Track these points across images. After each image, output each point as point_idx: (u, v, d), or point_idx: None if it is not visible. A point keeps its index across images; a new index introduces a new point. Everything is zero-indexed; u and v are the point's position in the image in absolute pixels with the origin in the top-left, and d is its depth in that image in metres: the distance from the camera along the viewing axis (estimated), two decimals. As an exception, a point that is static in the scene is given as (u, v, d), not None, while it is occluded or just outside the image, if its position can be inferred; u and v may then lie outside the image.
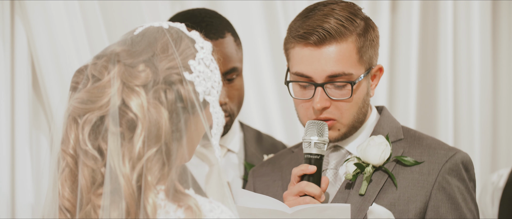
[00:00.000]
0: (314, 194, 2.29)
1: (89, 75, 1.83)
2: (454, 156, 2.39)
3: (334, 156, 2.48)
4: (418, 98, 4.10)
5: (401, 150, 2.42)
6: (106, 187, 1.75)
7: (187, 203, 1.77)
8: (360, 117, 2.43)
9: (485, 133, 4.17)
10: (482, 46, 4.14)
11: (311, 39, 2.35)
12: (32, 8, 2.99)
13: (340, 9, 2.38)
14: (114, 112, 1.77)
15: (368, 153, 2.38)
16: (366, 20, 2.42)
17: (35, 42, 3.01)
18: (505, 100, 4.27)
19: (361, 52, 2.38)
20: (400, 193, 2.36)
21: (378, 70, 2.47)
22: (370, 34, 2.41)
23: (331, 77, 2.36)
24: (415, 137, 2.47)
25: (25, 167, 3.02)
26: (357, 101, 2.40)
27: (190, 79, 1.83)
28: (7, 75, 3.00)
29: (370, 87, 2.45)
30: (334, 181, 2.45)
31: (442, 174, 2.37)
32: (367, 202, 2.35)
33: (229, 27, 2.85)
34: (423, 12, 4.11)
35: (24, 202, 3.01)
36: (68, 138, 1.82)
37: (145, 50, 1.84)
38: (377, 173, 2.39)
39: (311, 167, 2.32)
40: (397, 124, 2.50)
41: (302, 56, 2.37)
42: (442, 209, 2.35)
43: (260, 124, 3.71)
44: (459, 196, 2.37)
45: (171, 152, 1.79)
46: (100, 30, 3.18)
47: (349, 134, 2.44)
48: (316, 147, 2.33)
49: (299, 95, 2.42)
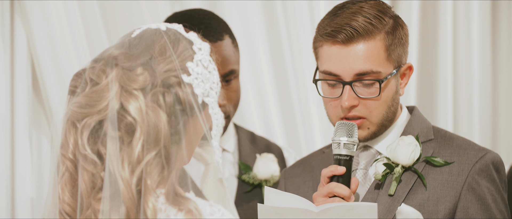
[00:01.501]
0: (343, 195, 2.27)
1: (87, 79, 1.82)
2: (484, 156, 2.37)
3: (364, 156, 2.47)
4: (418, 98, 4.10)
5: (431, 151, 2.41)
6: (105, 192, 1.75)
7: (187, 207, 1.76)
8: (390, 116, 2.42)
9: (485, 132, 4.17)
10: (482, 45, 4.14)
11: (338, 37, 2.34)
12: (31, 8, 2.99)
13: (368, 7, 2.37)
14: (112, 116, 1.77)
15: (397, 153, 2.36)
16: (395, 18, 2.41)
17: (34, 42, 3.01)
18: (504, 99, 4.27)
19: (390, 50, 2.37)
20: (429, 193, 2.34)
21: (407, 69, 2.46)
22: (399, 32, 2.39)
23: (359, 75, 2.35)
24: (446, 137, 2.45)
25: (25, 167, 3.02)
26: (386, 99, 2.39)
27: (188, 81, 1.82)
28: (7, 75, 3.00)
29: (400, 85, 2.44)
30: (364, 181, 2.44)
31: (472, 175, 2.34)
32: (396, 202, 2.34)
33: (227, 29, 2.85)
34: (423, 12, 4.11)
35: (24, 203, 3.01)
36: (68, 143, 1.81)
37: (142, 53, 1.83)
38: (407, 174, 2.38)
39: (340, 168, 2.30)
40: (428, 124, 2.48)
41: (330, 54, 2.36)
42: (471, 210, 2.33)
43: (259, 124, 3.71)
44: (489, 197, 2.34)
45: (170, 155, 1.79)
46: (100, 30, 3.18)
47: (379, 133, 2.43)
48: (346, 148, 2.31)
49: (328, 94, 2.41)
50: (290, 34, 3.75)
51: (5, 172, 2.96)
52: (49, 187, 1.87)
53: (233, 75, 2.80)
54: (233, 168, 2.92)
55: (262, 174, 2.89)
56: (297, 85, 3.74)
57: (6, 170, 2.97)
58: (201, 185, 2.70)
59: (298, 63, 3.75)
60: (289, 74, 3.72)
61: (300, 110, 3.75)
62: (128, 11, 3.32)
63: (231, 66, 2.79)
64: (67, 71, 3.01)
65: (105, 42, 3.17)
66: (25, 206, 3.01)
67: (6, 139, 2.98)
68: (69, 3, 3.07)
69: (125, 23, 3.28)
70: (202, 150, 2.70)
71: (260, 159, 2.91)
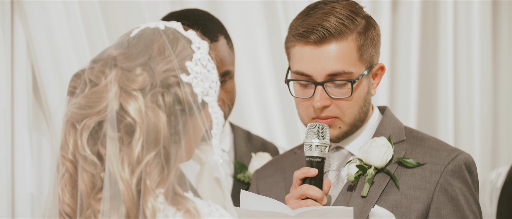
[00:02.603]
0: (316, 197, 2.28)
1: (87, 80, 1.82)
2: (457, 157, 2.38)
3: (336, 157, 2.47)
4: (418, 98, 4.10)
5: (403, 152, 2.41)
6: (105, 192, 1.75)
7: (186, 206, 1.76)
8: (361, 116, 2.42)
9: (485, 132, 4.17)
10: (482, 45, 4.14)
11: (311, 37, 2.34)
12: (31, 8, 2.99)
13: (341, 7, 2.37)
14: (112, 117, 1.77)
15: (370, 154, 2.36)
16: (367, 18, 2.41)
17: (34, 43, 3.01)
18: (505, 99, 4.27)
19: (362, 50, 2.37)
20: (402, 195, 2.35)
21: (379, 69, 2.46)
22: (371, 32, 2.39)
23: (331, 75, 2.35)
24: (418, 138, 2.45)
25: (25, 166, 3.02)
26: (358, 99, 2.39)
27: (188, 80, 1.82)
28: (7, 75, 3.00)
29: (371, 86, 2.44)
30: (337, 182, 2.44)
31: (444, 176, 2.35)
32: (369, 204, 2.34)
33: (222, 30, 2.83)
34: (424, 12, 4.11)
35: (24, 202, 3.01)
36: (67, 144, 1.81)
37: (141, 53, 1.83)
38: (379, 175, 2.38)
39: (312, 170, 2.31)
40: (399, 125, 2.49)
41: (302, 54, 2.36)
42: (444, 211, 2.34)
43: (260, 124, 3.71)
44: (462, 198, 2.35)
45: (170, 155, 1.79)
46: (100, 30, 3.18)
47: (350, 132, 2.43)
48: (317, 149, 2.32)
49: (300, 94, 2.41)
50: (291, 34, 3.74)
51: (5, 171, 2.96)
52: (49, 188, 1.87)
53: (228, 76, 2.79)
54: (228, 167, 2.92)
55: None
56: (298, 85, 3.74)
57: (7, 170, 2.97)
58: (196, 184, 2.70)
59: (299, 63, 3.74)
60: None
61: (301, 110, 3.75)
62: (129, 11, 3.32)
63: (226, 67, 2.78)
64: (67, 72, 3.01)
65: (106, 42, 3.17)
66: (25, 205, 3.02)
67: (6, 139, 2.98)
68: (69, 3, 3.07)
69: (125, 23, 3.28)
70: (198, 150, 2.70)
71: (255, 158, 2.91)
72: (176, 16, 2.80)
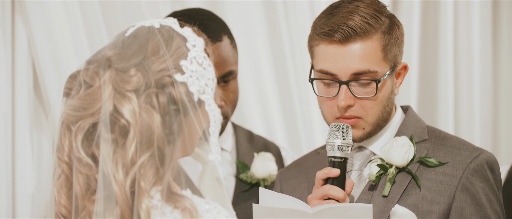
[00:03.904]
0: (338, 198, 2.26)
1: (81, 81, 1.82)
2: (479, 156, 2.36)
3: (359, 157, 2.46)
4: (418, 97, 4.10)
5: (425, 151, 2.40)
6: (99, 193, 1.74)
7: (183, 204, 1.76)
8: (385, 116, 2.41)
9: (486, 132, 4.16)
10: (483, 45, 4.14)
11: (335, 36, 2.32)
12: (31, 7, 2.99)
13: (364, 6, 2.35)
14: (105, 119, 1.76)
15: (391, 154, 2.35)
16: (391, 17, 2.39)
17: (35, 42, 3.01)
18: (505, 99, 4.26)
19: (386, 49, 2.36)
20: (423, 194, 2.33)
21: (402, 68, 2.45)
22: (395, 31, 2.38)
23: (356, 74, 2.33)
24: (440, 137, 2.43)
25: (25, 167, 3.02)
26: (381, 99, 2.38)
27: (183, 80, 1.81)
28: (8, 74, 3.01)
29: (395, 85, 2.43)
30: (359, 182, 2.43)
31: (466, 175, 2.33)
32: (390, 203, 2.33)
33: (226, 29, 2.82)
34: (424, 12, 4.11)
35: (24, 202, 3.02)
36: (63, 146, 1.81)
37: (136, 53, 1.82)
38: (401, 174, 2.37)
39: (334, 170, 2.29)
40: (422, 124, 2.47)
41: (327, 53, 2.35)
42: (466, 210, 2.32)
43: (260, 124, 3.71)
44: (484, 197, 2.33)
45: (164, 155, 1.78)
46: (100, 30, 3.18)
47: (374, 132, 2.42)
48: (340, 150, 2.30)
49: (323, 93, 2.39)
50: (291, 34, 3.74)
51: (5, 171, 2.97)
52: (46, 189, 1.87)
53: (231, 75, 2.79)
54: (231, 167, 2.91)
55: (259, 173, 2.89)
56: (298, 84, 3.74)
57: (7, 170, 2.97)
58: (198, 184, 2.70)
59: (299, 62, 3.75)
60: (290, 73, 3.72)
61: (301, 110, 3.75)
62: (129, 11, 3.32)
63: (230, 67, 2.77)
64: (67, 71, 2.99)
65: (106, 42, 3.12)
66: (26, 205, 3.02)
67: (6, 138, 2.98)
68: (69, 3, 3.07)
69: (125, 23, 3.27)
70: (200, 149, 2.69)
71: (258, 158, 2.91)
72: (179, 16, 2.78)
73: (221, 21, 2.85)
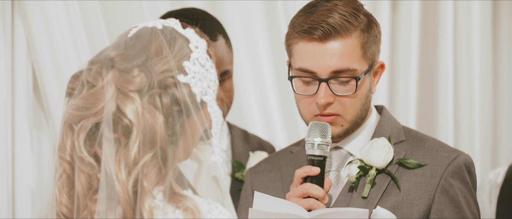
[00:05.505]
0: (318, 196, 2.27)
1: (84, 81, 1.82)
2: (457, 158, 2.38)
3: (335, 157, 2.46)
4: (418, 97, 4.10)
5: (403, 153, 2.41)
6: (101, 193, 1.75)
7: (185, 204, 1.76)
8: (363, 114, 2.42)
9: (486, 132, 4.17)
10: (482, 45, 4.14)
11: (315, 34, 2.33)
12: (31, 7, 2.99)
13: (343, 4, 2.36)
14: (108, 119, 1.76)
15: (371, 155, 2.36)
16: (369, 16, 2.41)
17: (34, 41, 3.01)
18: (505, 99, 4.26)
19: (365, 47, 2.37)
20: (403, 196, 2.34)
21: (380, 67, 2.46)
22: (373, 30, 2.40)
23: (335, 72, 2.34)
24: (417, 138, 2.45)
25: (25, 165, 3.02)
26: (360, 97, 2.38)
27: (186, 81, 1.82)
28: (8, 73, 3.00)
29: (373, 83, 2.44)
30: (337, 183, 2.43)
31: (445, 177, 2.35)
32: (370, 205, 2.34)
33: (221, 29, 2.82)
34: (424, 11, 4.11)
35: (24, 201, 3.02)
36: (65, 145, 1.81)
37: (139, 53, 1.82)
38: (380, 176, 2.38)
39: (314, 169, 2.30)
40: (398, 125, 2.48)
41: (306, 51, 2.35)
42: (445, 212, 2.34)
43: (260, 123, 3.71)
44: (462, 199, 2.35)
45: (167, 156, 1.78)
46: (100, 30, 3.18)
47: (351, 130, 2.43)
48: (319, 148, 2.31)
49: (302, 91, 2.40)
50: (291, 34, 3.75)
51: (5, 169, 2.97)
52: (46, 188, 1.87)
53: (227, 75, 2.78)
54: (226, 166, 2.91)
55: None
56: (298, 84, 3.74)
57: (7, 167, 2.97)
58: (194, 183, 2.70)
59: (299, 62, 3.75)
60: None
61: (301, 110, 3.75)
62: (129, 11, 3.32)
63: (225, 67, 2.77)
64: (67, 71, 3.01)
65: (106, 41, 3.16)
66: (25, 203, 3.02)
67: (6, 136, 2.98)
68: (69, 3, 3.07)
69: (126, 23, 3.28)
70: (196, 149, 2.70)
71: (253, 157, 2.91)
72: (175, 15, 2.78)
73: (216, 20, 2.85)
